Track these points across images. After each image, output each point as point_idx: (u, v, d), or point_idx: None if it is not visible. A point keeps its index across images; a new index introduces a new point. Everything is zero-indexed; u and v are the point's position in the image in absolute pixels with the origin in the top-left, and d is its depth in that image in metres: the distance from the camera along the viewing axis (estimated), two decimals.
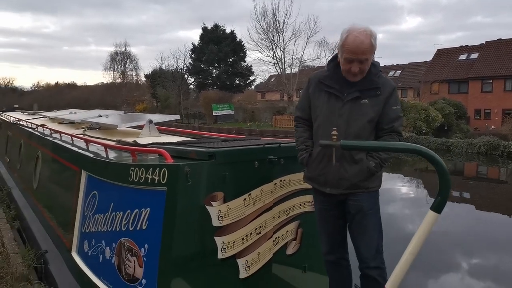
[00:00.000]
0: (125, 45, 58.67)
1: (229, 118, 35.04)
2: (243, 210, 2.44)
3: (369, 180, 2.30)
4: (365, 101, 2.29)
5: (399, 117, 2.36)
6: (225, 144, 2.66)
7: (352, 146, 1.82)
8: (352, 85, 2.30)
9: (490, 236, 6.67)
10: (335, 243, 2.49)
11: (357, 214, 2.33)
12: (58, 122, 6.77)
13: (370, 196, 2.35)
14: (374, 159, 2.26)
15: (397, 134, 2.33)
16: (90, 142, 3.63)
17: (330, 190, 2.33)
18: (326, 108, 2.35)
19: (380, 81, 2.32)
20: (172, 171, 2.25)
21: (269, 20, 35.36)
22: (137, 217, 2.45)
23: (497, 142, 17.32)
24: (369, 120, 2.29)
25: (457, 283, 4.87)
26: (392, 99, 2.32)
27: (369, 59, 2.24)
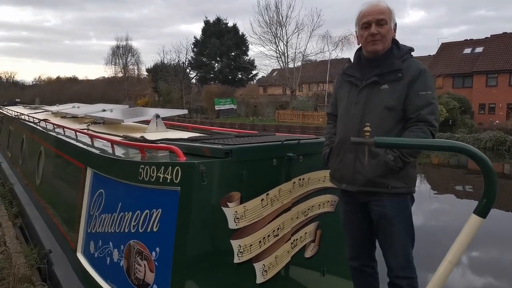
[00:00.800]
0: (127, 39, 58.64)
1: (232, 113, 34.84)
2: (261, 211, 2.28)
3: (390, 178, 2.04)
4: (385, 86, 2.07)
5: (429, 104, 2.03)
6: (240, 140, 2.50)
7: (388, 143, 1.65)
8: (372, 70, 2.12)
9: (493, 231, 6.58)
10: (360, 249, 2.31)
11: (381, 220, 2.12)
12: (61, 116, 6.62)
13: (396, 200, 2.08)
14: (392, 151, 1.99)
15: (426, 124, 2.02)
16: (95, 137, 3.48)
17: (346, 186, 2.18)
18: (346, 99, 2.21)
19: (404, 64, 2.09)
20: (186, 170, 2.09)
21: (272, 14, 35.06)
22: (148, 218, 2.30)
23: (503, 137, 17.13)
24: (388, 107, 2.04)
25: (459, 278, 4.81)
26: (418, 83, 2.04)
27: (388, 23, 2.08)
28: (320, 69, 36.54)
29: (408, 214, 2.13)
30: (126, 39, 57.64)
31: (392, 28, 2.13)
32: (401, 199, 2.10)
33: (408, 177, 2.10)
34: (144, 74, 54.69)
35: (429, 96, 2.04)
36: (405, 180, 2.09)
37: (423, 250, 2.31)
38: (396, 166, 2.00)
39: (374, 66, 2.13)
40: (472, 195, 9.89)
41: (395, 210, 2.08)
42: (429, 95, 2.04)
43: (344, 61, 46.76)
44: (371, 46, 2.11)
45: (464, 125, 24.67)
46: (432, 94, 2.05)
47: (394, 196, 2.07)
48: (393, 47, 2.14)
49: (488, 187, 1.54)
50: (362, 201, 2.17)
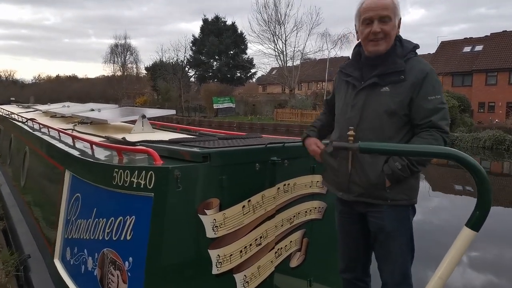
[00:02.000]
0: (125, 37, 58.43)
1: (230, 111, 34.68)
2: (242, 218, 2.14)
3: (391, 189, 1.85)
4: (386, 89, 1.87)
5: (440, 109, 1.85)
6: (223, 143, 2.35)
7: (373, 149, 1.50)
8: (373, 70, 1.93)
9: (492, 229, 6.49)
10: (354, 262, 2.14)
11: (379, 234, 1.94)
12: (50, 116, 6.48)
13: (396, 212, 1.89)
14: (401, 159, 1.80)
15: (438, 131, 1.82)
16: (77, 138, 3.34)
17: (342, 195, 2.00)
18: (342, 101, 2.03)
19: (407, 64, 1.88)
20: (160, 175, 1.95)
21: (270, 12, 34.91)
22: (121, 226, 2.16)
23: (503, 136, 16.99)
24: (388, 112, 1.85)
25: (458, 276, 4.72)
26: (425, 86, 1.84)
27: (392, 20, 1.86)
28: (319, 67, 36.38)
29: (408, 227, 1.96)
30: (124, 38, 57.43)
31: (397, 24, 1.92)
32: (401, 211, 1.92)
33: (410, 188, 1.91)
34: (143, 72, 54.56)
35: (438, 100, 1.86)
36: (406, 192, 1.90)
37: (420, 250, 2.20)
38: (402, 176, 1.82)
39: (374, 66, 1.93)
40: (472, 194, 9.79)
41: (394, 223, 1.91)
42: (438, 100, 1.86)
43: (343, 60, 46.51)
44: (372, 47, 1.91)
45: (463, 124, 24.52)
46: (441, 98, 1.88)
47: (394, 208, 1.90)
48: (396, 45, 1.93)
49: (482, 198, 1.40)
50: (359, 212, 2.01)
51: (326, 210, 2.57)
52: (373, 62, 1.94)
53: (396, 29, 1.92)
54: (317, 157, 2.14)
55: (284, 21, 34.61)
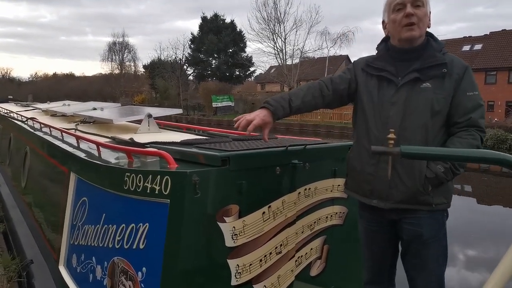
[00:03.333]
0: (123, 35, 58.15)
1: (229, 110, 34.55)
2: (262, 226, 2.01)
3: (434, 193, 1.75)
4: (427, 84, 1.75)
5: (479, 106, 1.76)
6: (239, 145, 2.22)
7: (417, 154, 1.38)
8: (409, 64, 1.79)
9: (491, 228, 6.44)
10: (380, 273, 2.02)
11: (414, 241, 1.82)
12: (51, 114, 6.33)
13: (434, 218, 1.79)
14: (444, 162, 1.71)
15: (478, 130, 1.74)
16: (81, 139, 3.20)
17: (378, 202, 1.84)
18: (376, 98, 1.85)
19: (446, 58, 1.78)
20: (177, 180, 1.82)
21: (270, 10, 34.79)
22: (134, 234, 2.03)
23: (504, 136, 16.95)
24: (432, 110, 1.74)
25: (455, 274, 4.69)
26: (465, 82, 1.75)
27: (425, 6, 1.76)
28: (318, 66, 36.28)
29: (444, 233, 1.86)
30: (122, 36, 57.20)
31: (428, 14, 1.82)
32: (438, 216, 1.82)
33: (448, 191, 1.83)
34: (141, 70, 54.32)
35: (477, 97, 1.77)
36: (445, 195, 1.81)
37: None
38: (446, 179, 1.73)
39: (411, 59, 1.80)
40: (470, 194, 9.73)
41: (432, 230, 1.80)
42: (477, 96, 1.77)
43: (342, 58, 46.60)
44: (406, 32, 1.76)
45: None
46: (479, 95, 1.79)
47: (431, 213, 1.79)
48: (429, 39, 1.82)
49: None
50: (391, 219, 1.88)
51: (347, 215, 2.45)
52: (409, 55, 1.80)
53: (427, 19, 1.81)
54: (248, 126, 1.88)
55: (284, 19, 34.53)
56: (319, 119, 27.00)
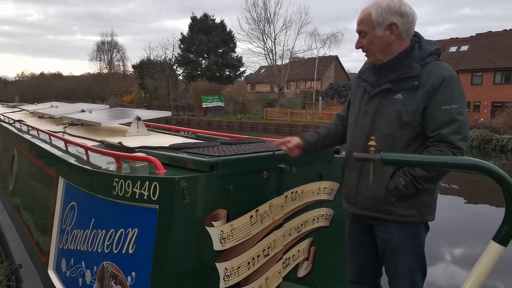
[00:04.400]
0: (112, 35, 57.64)
1: (219, 110, 34.52)
2: (250, 229, 2.05)
3: (398, 204, 1.76)
4: (399, 95, 1.75)
5: (453, 120, 1.67)
6: (227, 149, 2.26)
7: (396, 160, 1.43)
8: (388, 75, 1.81)
9: (477, 227, 6.58)
10: (364, 273, 2.07)
11: (386, 248, 1.87)
12: (38, 116, 6.27)
13: (405, 229, 1.80)
14: (405, 175, 1.70)
15: (448, 146, 1.67)
16: (69, 142, 3.20)
17: (348, 207, 1.96)
18: (357, 107, 1.93)
19: (423, 69, 1.73)
20: (166, 186, 1.85)
21: (259, 10, 34.94)
22: (123, 238, 2.05)
23: (490, 136, 17.26)
24: (400, 121, 1.72)
25: (443, 273, 4.77)
26: (441, 94, 1.68)
27: (368, 33, 1.78)
28: (308, 66, 36.48)
29: (418, 244, 1.85)
30: (111, 35, 56.81)
31: (382, 33, 1.76)
32: (410, 228, 1.81)
33: (422, 205, 1.79)
34: (130, 70, 53.86)
35: (454, 110, 1.68)
36: (418, 208, 1.78)
37: None
38: (406, 193, 1.72)
39: (390, 70, 1.81)
40: (454, 192, 9.92)
41: (402, 239, 1.81)
42: (454, 110, 1.68)
43: (331, 59, 46.87)
44: (367, 59, 1.89)
45: None
46: (458, 108, 1.69)
47: (402, 224, 1.80)
48: (413, 47, 1.79)
49: (511, 212, 1.34)
50: (368, 223, 1.94)
51: (334, 217, 2.51)
52: (389, 66, 1.82)
53: (383, 39, 1.77)
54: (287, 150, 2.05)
55: (274, 19, 34.69)
56: (308, 119, 27.16)
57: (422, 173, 1.69)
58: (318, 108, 29.04)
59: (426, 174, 1.69)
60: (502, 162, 15.14)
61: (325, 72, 45.43)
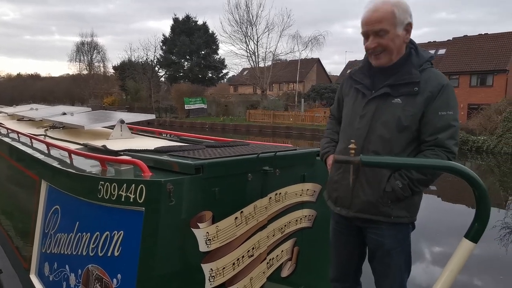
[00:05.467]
0: (92, 35, 56.76)
1: (202, 112, 34.38)
2: (234, 230, 2.10)
3: (394, 206, 1.81)
4: (397, 100, 1.77)
5: (450, 126, 1.73)
6: (212, 152, 2.30)
7: (376, 162, 1.51)
8: (385, 79, 1.83)
9: (454, 225, 6.78)
10: (346, 271, 2.14)
11: (378, 251, 1.92)
12: (18, 119, 6.15)
13: (397, 230, 1.85)
14: (402, 178, 1.75)
15: (444, 150, 1.73)
16: (51, 145, 3.17)
17: (340, 210, 1.96)
18: (350, 109, 1.94)
19: (423, 75, 1.78)
20: (152, 188, 1.87)
21: (242, 12, 35.03)
22: (108, 241, 2.06)
23: (466, 137, 17.75)
24: (399, 126, 1.76)
25: (422, 270, 4.88)
26: (439, 100, 1.74)
27: (390, 31, 1.75)
28: (290, 68, 36.78)
29: (408, 244, 1.93)
30: (91, 35, 55.95)
31: (401, 32, 1.78)
32: (401, 229, 1.88)
33: (413, 205, 1.86)
34: (111, 71, 53.12)
35: (450, 117, 1.75)
36: (409, 209, 1.85)
37: None
38: (403, 195, 1.77)
39: (387, 74, 1.83)
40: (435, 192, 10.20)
41: (394, 241, 1.87)
42: (450, 116, 1.75)
43: (313, 61, 47.32)
44: (374, 61, 1.84)
45: None
46: (453, 115, 1.76)
47: (394, 226, 1.85)
48: (411, 53, 1.83)
49: (481, 211, 1.44)
50: (356, 225, 1.98)
51: (316, 218, 2.58)
52: (386, 70, 1.84)
53: (400, 38, 1.79)
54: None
55: (256, 22, 34.85)
56: (291, 121, 27.36)
57: (418, 176, 1.74)
58: (300, 110, 29.29)
59: (422, 177, 1.74)
60: (477, 163, 15.62)
61: (307, 74, 45.85)
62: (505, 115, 17.22)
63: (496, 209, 8.00)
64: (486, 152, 16.85)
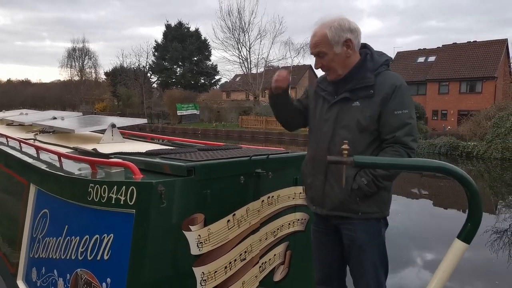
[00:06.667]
0: (83, 41, 56.48)
1: (194, 118, 34.33)
2: (227, 233, 2.08)
3: (362, 202, 1.89)
4: (357, 103, 1.90)
5: (405, 124, 1.86)
6: (205, 155, 2.28)
7: (368, 163, 1.51)
8: (345, 85, 1.95)
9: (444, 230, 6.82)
10: (329, 273, 2.14)
11: (352, 246, 1.96)
12: (7, 124, 6.07)
13: (369, 225, 1.92)
14: (366, 175, 1.85)
15: (402, 146, 1.85)
16: (41, 149, 3.12)
17: (316, 209, 2.05)
18: (317, 115, 2.05)
19: (377, 79, 1.90)
20: (143, 190, 1.85)
21: (234, 19, 35.18)
22: (98, 245, 2.03)
23: (456, 143, 17.94)
24: (359, 127, 1.88)
25: (415, 276, 4.87)
26: (393, 101, 1.86)
27: (327, 53, 1.91)
28: None
29: (380, 240, 1.98)
30: (82, 41, 55.63)
31: (340, 50, 1.92)
32: (373, 224, 1.94)
33: (382, 201, 1.94)
34: (103, 77, 52.87)
35: (405, 115, 1.87)
36: (378, 205, 1.93)
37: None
38: (369, 191, 1.85)
39: (347, 80, 1.96)
40: (427, 196, 10.25)
41: (366, 236, 1.93)
42: (405, 115, 1.87)
43: (305, 68, 47.67)
44: (328, 76, 2.02)
45: (419, 130, 25.66)
46: (408, 113, 1.89)
47: (366, 221, 1.93)
48: (366, 59, 1.97)
49: (473, 211, 1.44)
50: (333, 224, 2.03)
51: (309, 222, 2.56)
52: (346, 78, 1.97)
53: (341, 55, 1.93)
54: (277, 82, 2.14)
55: (248, 29, 35.02)
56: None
57: (381, 172, 1.84)
58: None
59: (384, 172, 1.84)
60: (468, 168, 15.77)
61: (299, 80, 46.11)
62: (495, 121, 17.44)
63: (487, 214, 8.05)
64: (476, 157, 17.02)
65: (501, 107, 19.58)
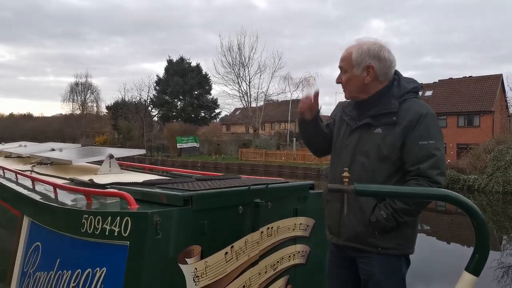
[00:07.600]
0: (86, 76, 57.52)
1: (194, 151, 34.35)
2: (225, 266, 2.00)
3: (380, 237, 1.77)
4: (378, 130, 1.80)
5: (431, 155, 1.72)
6: (202, 185, 2.23)
7: (369, 191, 1.47)
8: (368, 110, 1.87)
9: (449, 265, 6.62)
10: None
11: (369, 282, 1.84)
12: (5, 156, 6.04)
13: (387, 261, 1.79)
14: (386, 208, 1.73)
15: (427, 180, 1.71)
16: (37, 180, 3.08)
17: (331, 238, 1.95)
18: (339, 140, 1.98)
19: (402, 106, 1.80)
20: (138, 221, 1.79)
21: (234, 55, 36.03)
22: (90, 279, 1.94)
23: (457, 176, 17.83)
24: (379, 155, 1.77)
25: None
26: (418, 130, 1.75)
27: (347, 71, 1.87)
28: (282, 108, 37.42)
29: (400, 278, 1.84)
30: (85, 76, 56.67)
31: (359, 73, 1.85)
32: (392, 261, 1.81)
33: (403, 238, 1.81)
34: (104, 111, 53.48)
35: (431, 146, 1.74)
36: (399, 241, 1.80)
37: None
38: (388, 226, 1.74)
39: (370, 106, 1.88)
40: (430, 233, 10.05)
41: (384, 273, 1.80)
42: (431, 145, 1.74)
43: None
44: (344, 94, 1.98)
45: None
46: (435, 144, 1.75)
47: (386, 257, 1.80)
48: (392, 85, 1.87)
49: (480, 241, 1.38)
50: (349, 256, 1.92)
51: (310, 254, 2.47)
52: (369, 102, 1.89)
53: (359, 79, 1.86)
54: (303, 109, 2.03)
55: (248, 64, 35.82)
56: (283, 160, 27.38)
57: (402, 206, 1.72)
58: (292, 149, 29.42)
59: (405, 207, 1.72)
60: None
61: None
62: (494, 154, 17.43)
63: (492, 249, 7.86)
64: (478, 191, 16.88)
65: (500, 140, 19.65)
